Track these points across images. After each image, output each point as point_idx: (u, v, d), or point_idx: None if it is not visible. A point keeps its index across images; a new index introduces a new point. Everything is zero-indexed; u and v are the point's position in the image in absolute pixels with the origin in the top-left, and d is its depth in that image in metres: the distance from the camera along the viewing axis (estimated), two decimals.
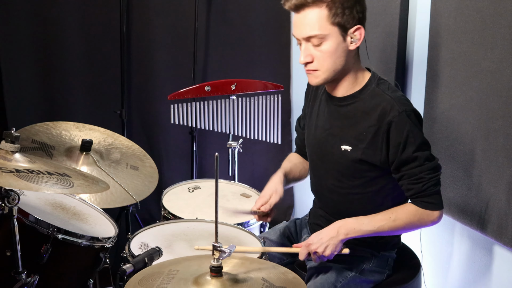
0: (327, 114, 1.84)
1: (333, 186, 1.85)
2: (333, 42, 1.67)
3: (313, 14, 1.65)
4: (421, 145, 1.69)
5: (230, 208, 2.24)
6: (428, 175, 1.70)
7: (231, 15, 3.11)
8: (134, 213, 2.86)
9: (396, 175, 1.74)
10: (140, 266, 1.51)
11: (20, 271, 1.60)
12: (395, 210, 1.74)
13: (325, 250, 1.71)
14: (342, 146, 1.77)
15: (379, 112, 1.69)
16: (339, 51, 1.68)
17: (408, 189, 1.73)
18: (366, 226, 1.72)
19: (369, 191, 1.80)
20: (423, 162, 1.69)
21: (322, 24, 1.65)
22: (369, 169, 1.75)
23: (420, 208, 1.72)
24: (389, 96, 1.70)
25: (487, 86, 1.88)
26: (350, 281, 1.81)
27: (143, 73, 3.02)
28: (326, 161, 1.85)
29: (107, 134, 2.35)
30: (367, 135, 1.71)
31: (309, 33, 1.67)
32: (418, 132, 1.70)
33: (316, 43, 1.67)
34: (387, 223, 1.72)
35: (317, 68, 1.71)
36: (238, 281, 1.31)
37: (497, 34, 1.81)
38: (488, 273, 2.05)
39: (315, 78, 1.74)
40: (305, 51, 1.70)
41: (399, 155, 1.69)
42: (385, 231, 1.73)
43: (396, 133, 1.67)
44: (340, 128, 1.79)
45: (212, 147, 3.20)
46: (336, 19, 1.64)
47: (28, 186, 1.48)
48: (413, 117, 1.69)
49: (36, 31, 2.77)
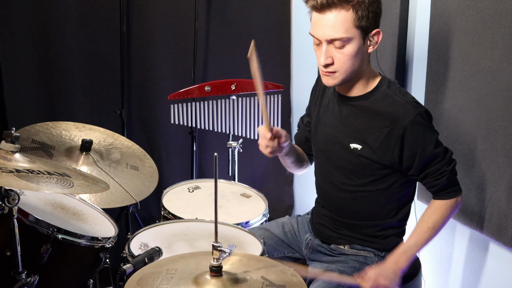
0: (337, 113, 1.84)
1: (340, 183, 1.86)
2: (355, 45, 1.65)
3: (340, 16, 1.61)
4: (437, 141, 1.74)
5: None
6: (449, 167, 1.74)
7: (231, 15, 3.11)
8: (134, 213, 2.86)
9: (419, 175, 1.76)
10: (140, 266, 1.52)
11: (20, 271, 1.59)
12: (427, 217, 1.77)
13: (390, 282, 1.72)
14: (351, 144, 1.78)
15: (393, 115, 1.70)
16: (359, 54, 1.68)
17: (433, 186, 1.76)
18: (415, 248, 1.76)
19: (378, 189, 1.81)
20: (443, 157, 1.74)
21: (348, 27, 1.62)
22: (378, 167, 1.77)
23: (447, 200, 1.76)
24: (401, 99, 1.72)
25: (487, 86, 1.88)
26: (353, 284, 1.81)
27: (143, 73, 3.01)
28: (334, 159, 1.86)
29: (107, 134, 2.35)
30: (380, 136, 1.72)
31: (333, 36, 1.64)
32: (432, 131, 1.74)
33: (339, 45, 1.65)
34: (429, 233, 1.76)
35: (336, 70, 1.70)
36: (238, 280, 1.31)
37: (497, 34, 1.81)
38: (488, 273, 2.05)
39: (333, 79, 1.72)
40: (326, 53, 1.67)
41: (420, 157, 1.71)
42: (431, 239, 1.77)
43: (413, 138, 1.70)
44: (350, 126, 1.80)
45: (212, 147, 3.20)
46: (361, 23, 1.63)
47: (28, 186, 1.48)
48: (426, 118, 1.72)
49: (36, 31, 2.77)
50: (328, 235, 1.93)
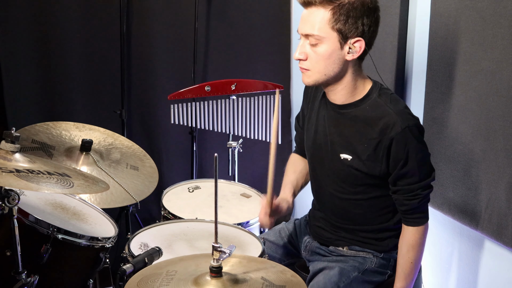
0: (326, 120, 1.83)
1: (334, 191, 1.85)
2: (329, 47, 1.66)
3: (317, 14, 1.64)
4: (422, 160, 1.70)
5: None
6: (424, 191, 1.72)
7: (231, 15, 3.11)
8: (134, 213, 2.86)
9: (392, 187, 1.75)
10: (140, 266, 1.52)
11: (20, 271, 1.59)
12: (405, 252, 1.78)
13: None
14: (341, 154, 1.77)
15: (381, 126, 1.68)
16: (333, 57, 1.67)
17: (402, 204, 1.75)
18: (405, 286, 1.80)
19: (371, 197, 1.80)
20: (422, 178, 1.71)
21: (322, 26, 1.64)
22: (369, 178, 1.76)
23: (418, 228, 1.76)
24: (391, 110, 1.68)
25: (487, 86, 1.88)
26: (353, 281, 1.81)
27: (143, 73, 3.01)
28: (326, 167, 1.85)
29: (107, 134, 2.35)
30: (368, 148, 1.71)
31: (308, 31, 1.67)
32: (420, 147, 1.70)
33: (313, 42, 1.67)
34: (414, 267, 1.78)
35: (308, 68, 1.71)
36: (238, 281, 1.31)
37: (497, 34, 1.81)
38: (488, 273, 2.04)
39: (307, 77, 1.74)
40: (301, 47, 1.70)
41: (398, 169, 1.70)
42: (418, 270, 1.80)
43: (398, 149, 1.67)
44: (339, 136, 1.78)
45: (212, 147, 3.20)
46: (337, 25, 1.63)
47: (28, 186, 1.48)
48: (416, 132, 1.68)
49: (36, 31, 2.77)
50: (326, 237, 1.93)
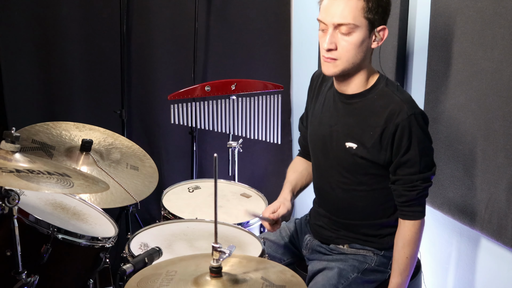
0: (333, 111, 1.84)
1: (337, 182, 1.86)
2: (361, 35, 1.67)
3: (351, 3, 1.65)
4: (424, 150, 1.71)
5: (242, 209, 2.28)
6: (423, 184, 1.72)
7: (231, 15, 3.11)
8: (134, 213, 2.86)
9: (392, 177, 1.75)
10: (140, 266, 1.51)
11: (20, 271, 1.59)
12: (400, 248, 1.77)
13: None
14: (346, 143, 1.78)
15: (388, 113, 1.70)
16: (363, 46, 1.69)
17: (401, 195, 1.75)
18: (404, 284, 1.79)
19: (374, 188, 1.81)
20: (422, 170, 1.71)
21: (357, 15, 1.65)
22: (373, 167, 1.77)
23: (415, 222, 1.76)
24: (398, 97, 1.71)
25: (487, 86, 1.88)
26: (352, 282, 1.81)
27: (143, 73, 3.01)
28: (330, 157, 1.85)
29: (107, 134, 2.35)
30: (374, 135, 1.72)
31: (341, 21, 1.66)
32: (424, 137, 1.71)
33: (345, 31, 1.67)
34: (410, 262, 1.77)
35: (338, 57, 1.70)
36: (238, 281, 1.31)
37: (497, 34, 1.81)
38: (488, 273, 2.05)
39: (334, 67, 1.72)
40: (331, 38, 1.69)
41: (400, 156, 1.70)
42: (414, 266, 1.80)
43: (402, 135, 1.68)
44: (346, 125, 1.79)
45: (212, 147, 3.20)
46: (369, 14, 1.66)
47: (28, 186, 1.48)
48: (421, 121, 1.70)
49: (36, 31, 2.77)
50: (327, 236, 1.93)
